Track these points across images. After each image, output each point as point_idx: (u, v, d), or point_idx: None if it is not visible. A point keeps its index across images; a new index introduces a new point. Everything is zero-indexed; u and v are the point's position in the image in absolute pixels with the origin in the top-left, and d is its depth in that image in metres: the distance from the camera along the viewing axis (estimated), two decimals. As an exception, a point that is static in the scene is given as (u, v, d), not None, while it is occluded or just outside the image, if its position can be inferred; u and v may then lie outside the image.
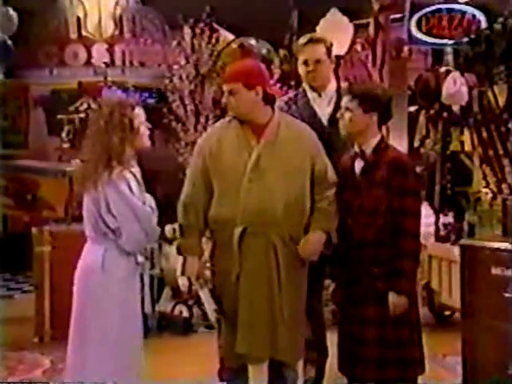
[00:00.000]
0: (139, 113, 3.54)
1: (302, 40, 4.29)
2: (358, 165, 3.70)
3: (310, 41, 4.22)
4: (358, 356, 3.63)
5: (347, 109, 3.69)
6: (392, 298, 3.56)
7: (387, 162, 3.62)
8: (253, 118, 3.72)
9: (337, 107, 4.16)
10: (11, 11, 9.34)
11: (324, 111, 4.20)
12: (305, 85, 4.30)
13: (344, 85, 4.35)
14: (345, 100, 3.72)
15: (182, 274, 3.79)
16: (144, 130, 3.55)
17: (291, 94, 4.54)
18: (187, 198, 3.74)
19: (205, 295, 3.74)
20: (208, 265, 3.88)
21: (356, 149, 3.73)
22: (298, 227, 3.69)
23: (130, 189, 3.46)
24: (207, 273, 3.85)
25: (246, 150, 3.68)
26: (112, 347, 3.47)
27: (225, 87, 3.74)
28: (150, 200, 3.57)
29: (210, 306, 3.69)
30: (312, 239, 3.69)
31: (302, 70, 4.26)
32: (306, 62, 4.21)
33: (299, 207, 3.68)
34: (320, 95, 4.23)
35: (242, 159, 3.66)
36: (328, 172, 3.75)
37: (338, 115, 3.76)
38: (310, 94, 4.25)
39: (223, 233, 3.67)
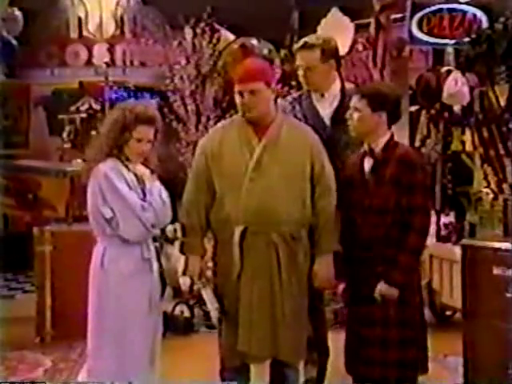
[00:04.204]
0: (145, 131, 3.55)
1: (297, 44, 4.29)
2: (368, 163, 3.70)
3: (303, 46, 4.20)
4: (363, 356, 3.64)
5: (356, 109, 3.68)
6: (380, 287, 3.55)
7: (396, 159, 3.61)
8: (264, 118, 3.71)
9: (339, 107, 4.16)
10: (17, 12, 9.35)
11: (326, 111, 4.20)
12: None
13: (348, 85, 4.34)
14: (353, 100, 3.71)
15: (184, 273, 3.80)
16: (139, 146, 3.56)
17: (296, 94, 4.54)
18: (189, 198, 3.75)
19: (207, 294, 3.74)
20: (210, 264, 3.89)
21: (365, 147, 3.73)
22: (298, 226, 3.70)
23: (129, 185, 3.52)
24: (209, 272, 3.86)
25: (247, 150, 3.68)
26: (115, 343, 3.51)
27: (245, 87, 3.65)
28: (158, 191, 3.62)
29: (212, 305, 3.69)
30: (320, 271, 3.72)
31: (297, 73, 4.28)
32: (299, 67, 4.23)
33: (300, 207, 3.69)
34: (323, 95, 4.22)
35: (243, 159, 3.66)
36: (326, 174, 3.75)
37: (347, 116, 3.74)
38: (314, 95, 4.25)
39: (225, 232, 3.68)
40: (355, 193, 3.71)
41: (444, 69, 6.90)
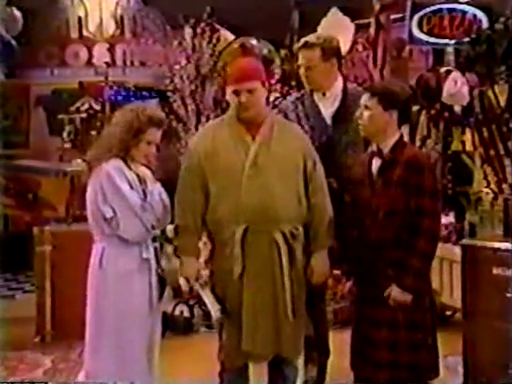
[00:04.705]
0: (155, 133, 3.62)
1: (298, 44, 4.30)
2: (375, 164, 3.65)
3: (304, 46, 4.21)
4: (370, 357, 3.61)
5: (366, 107, 3.63)
6: (394, 292, 3.52)
7: (404, 160, 3.56)
8: (258, 117, 3.71)
9: (341, 106, 4.16)
10: (16, 11, 9.35)
11: (328, 110, 4.20)
12: None
13: (350, 85, 4.34)
14: (363, 98, 3.66)
15: (181, 275, 3.78)
16: (148, 149, 3.62)
17: (298, 93, 4.55)
18: (184, 198, 3.72)
19: (207, 296, 3.70)
20: (207, 265, 3.86)
21: (374, 147, 3.69)
22: (297, 223, 3.71)
23: (130, 185, 3.53)
24: (206, 273, 3.82)
25: (242, 149, 3.67)
26: (114, 343, 3.52)
27: (242, 86, 3.64)
28: (159, 193, 3.65)
29: (213, 306, 3.66)
30: (317, 267, 3.75)
31: (299, 72, 4.28)
32: (300, 66, 4.23)
33: (297, 204, 3.69)
34: (324, 94, 4.22)
35: (239, 158, 3.65)
36: (317, 171, 3.77)
37: (357, 115, 3.69)
38: (316, 94, 4.25)
39: (223, 232, 3.66)
40: (363, 193, 3.67)
41: (444, 69, 6.90)
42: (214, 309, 3.64)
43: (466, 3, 7.10)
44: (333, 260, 3.82)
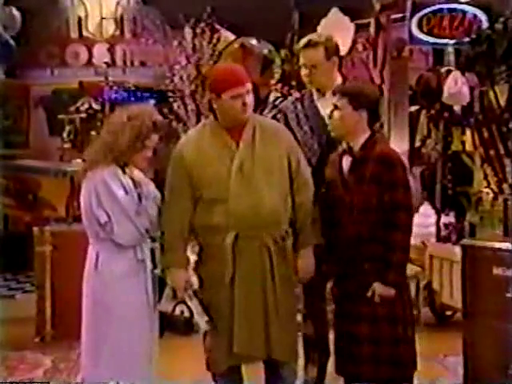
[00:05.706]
0: (156, 138, 3.63)
1: (301, 43, 4.29)
2: (346, 161, 3.70)
3: (307, 45, 4.20)
4: (352, 354, 3.63)
5: (337, 107, 3.69)
6: (378, 288, 3.56)
7: (375, 156, 3.61)
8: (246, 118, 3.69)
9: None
10: (14, 11, 9.35)
11: (327, 110, 4.20)
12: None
13: None
14: (334, 99, 3.72)
15: (170, 286, 3.74)
16: (148, 153, 3.62)
17: (298, 94, 4.54)
18: (171, 209, 3.66)
19: (195, 307, 3.66)
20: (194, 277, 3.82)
21: (344, 146, 3.74)
22: (285, 226, 3.69)
23: (125, 190, 3.53)
24: (194, 282, 3.77)
25: (227, 156, 3.63)
26: (113, 345, 3.51)
27: (245, 88, 3.61)
28: (153, 196, 3.66)
29: (201, 317, 3.63)
30: (302, 264, 3.73)
31: (301, 72, 4.27)
32: (304, 65, 4.22)
33: (285, 205, 3.68)
34: (324, 94, 4.23)
35: (224, 165, 3.61)
36: (302, 168, 3.75)
37: (328, 115, 3.76)
38: (315, 94, 4.25)
39: (214, 238, 3.62)
40: (336, 191, 3.71)
41: (444, 69, 6.91)
42: (203, 320, 3.63)
43: (466, 3, 7.11)
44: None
